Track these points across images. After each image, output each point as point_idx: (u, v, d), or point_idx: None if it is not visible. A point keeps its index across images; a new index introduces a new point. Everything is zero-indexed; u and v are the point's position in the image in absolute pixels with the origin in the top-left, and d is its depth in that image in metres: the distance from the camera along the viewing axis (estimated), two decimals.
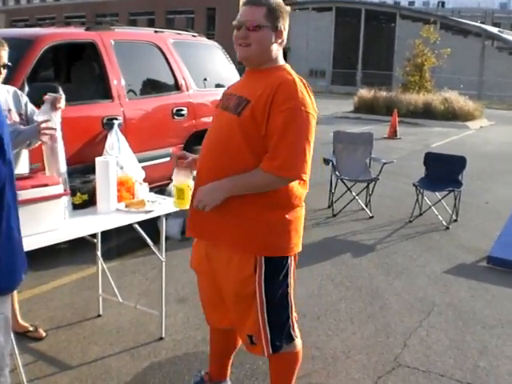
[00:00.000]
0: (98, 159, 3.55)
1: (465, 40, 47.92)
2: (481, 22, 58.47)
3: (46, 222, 3.06)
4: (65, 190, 3.21)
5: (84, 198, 3.56)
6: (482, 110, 23.52)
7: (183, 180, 3.02)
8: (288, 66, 2.72)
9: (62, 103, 3.40)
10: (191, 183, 2.95)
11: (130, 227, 3.70)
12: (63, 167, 3.39)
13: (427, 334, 4.29)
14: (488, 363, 3.91)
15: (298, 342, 2.91)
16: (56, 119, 3.32)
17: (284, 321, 2.83)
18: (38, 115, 3.35)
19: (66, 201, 3.25)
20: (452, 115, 21.84)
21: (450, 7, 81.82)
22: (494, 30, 53.16)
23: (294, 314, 2.89)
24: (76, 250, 4.95)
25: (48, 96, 3.36)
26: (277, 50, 2.66)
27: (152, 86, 6.45)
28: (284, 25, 2.65)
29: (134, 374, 3.59)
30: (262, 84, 2.57)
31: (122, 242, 5.48)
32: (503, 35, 50.57)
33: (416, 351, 4.02)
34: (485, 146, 15.60)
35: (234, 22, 2.62)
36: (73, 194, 3.48)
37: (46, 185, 3.07)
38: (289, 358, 2.92)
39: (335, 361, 3.84)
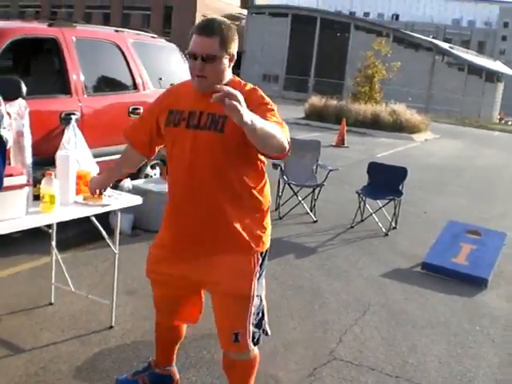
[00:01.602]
0: (59, 153, 3.74)
1: (416, 54, 49.12)
2: (433, 37, 60.00)
3: (9, 210, 3.23)
4: (28, 181, 3.38)
5: None
6: (427, 124, 24.30)
7: (51, 188, 3.41)
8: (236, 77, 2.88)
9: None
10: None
11: (83, 220, 3.89)
12: (28, 159, 3.56)
13: (361, 331, 4.60)
14: (416, 360, 4.24)
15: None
16: (25, 115, 3.49)
17: (262, 315, 3.07)
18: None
19: (28, 191, 3.42)
20: (399, 127, 22.53)
21: (404, 20, 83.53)
22: (445, 45, 54.61)
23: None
24: (30, 239, 5.09)
25: None
26: (229, 72, 2.79)
27: (110, 84, 6.61)
28: (235, 48, 2.74)
29: (84, 358, 3.77)
30: None
31: (75, 234, 5.63)
32: (453, 51, 51.99)
33: (350, 346, 4.32)
34: (428, 158, 16.20)
35: (188, 51, 2.68)
36: (34, 185, 3.65)
37: (11, 175, 3.24)
38: (254, 361, 3.11)
39: (275, 353, 4.10)
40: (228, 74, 2.78)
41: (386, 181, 7.79)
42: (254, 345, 3.04)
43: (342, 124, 17.15)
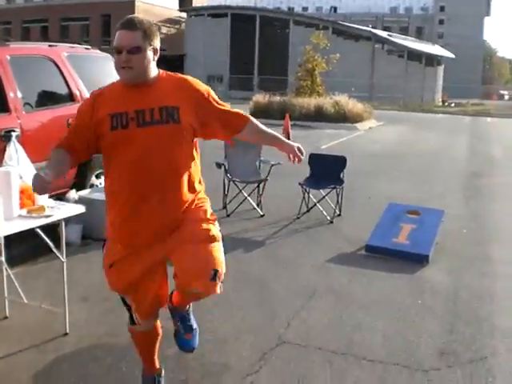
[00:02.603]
0: (0, 170, 3.85)
1: (356, 44, 49.91)
2: (372, 27, 60.87)
3: None
4: None
5: None
6: (370, 112, 24.82)
7: None
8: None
9: None
10: None
11: (31, 235, 4.01)
12: None
13: (308, 315, 4.84)
14: (361, 337, 4.48)
15: None
16: None
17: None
18: None
19: None
20: (342, 117, 22.97)
21: (342, 12, 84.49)
22: (384, 33, 55.52)
23: None
24: None
25: None
26: (155, 66, 2.98)
27: (48, 98, 6.72)
28: (158, 43, 2.97)
29: (42, 366, 3.90)
30: (164, 90, 2.94)
31: (25, 249, 5.70)
32: (392, 39, 52.92)
33: (298, 330, 4.54)
34: (372, 145, 16.63)
35: (114, 46, 2.87)
36: None
37: None
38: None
39: (226, 342, 4.30)
40: (154, 68, 2.97)
41: (327, 170, 8.06)
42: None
43: (285, 119, 17.40)
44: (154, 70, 2.97)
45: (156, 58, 2.98)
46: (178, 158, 2.95)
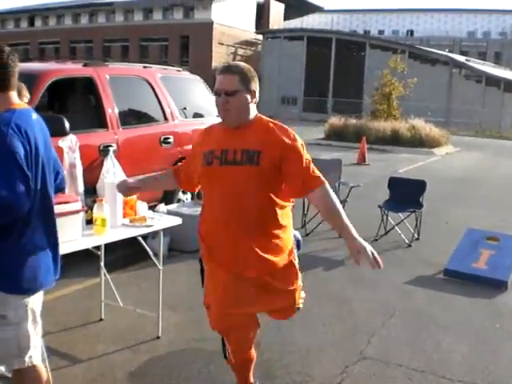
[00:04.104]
0: (106, 181, 4.18)
1: (432, 68, 49.32)
2: (449, 51, 60.02)
3: (67, 233, 3.66)
4: (82, 207, 3.82)
5: None
6: (447, 137, 24.52)
7: (102, 212, 3.87)
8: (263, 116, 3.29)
9: None
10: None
11: (121, 246, 4.29)
12: (81, 188, 4.01)
13: (388, 333, 4.96)
14: (440, 356, 4.58)
15: None
16: (76, 149, 3.95)
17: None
18: None
19: (82, 216, 3.85)
20: (419, 142, 22.79)
21: (418, 35, 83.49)
22: (462, 58, 54.63)
23: None
24: (76, 264, 5.51)
25: None
26: (253, 109, 3.20)
27: (142, 117, 7.13)
28: (256, 86, 3.18)
29: (136, 366, 4.18)
30: (254, 134, 3.12)
31: (115, 259, 6.05)
32: (470, 63, 52.02)
33: (378, 346, 4.67)
34: (448, 170, 16.48)
35: (214, 89, 3.14)
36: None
37: (68, 202, 3.68)
38: None
39: (309, 354, 4.48)
40: (252, 110, 3.18)
41: (406, 194, 8.15)
42: None
43: (361, 142, 17.51)
44: (251, 113, 3.18)
45: (254, 101, 3.19)
46: (253, 200, 3.10)
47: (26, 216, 2.66)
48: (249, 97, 3.14)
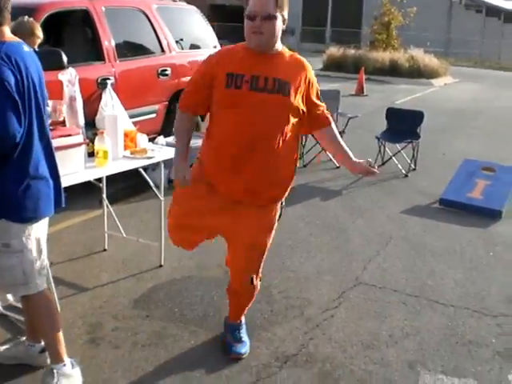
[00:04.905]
0: (107, 114, 4.22)
1: None
2: None
3: (70, 166, 3.74)
4: (84, 140, 3.88)
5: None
6: (446, 68, 24.24)
7: (104, 145, 3.93)
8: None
9: None
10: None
11: (121, 178, 4.34)
12: (81, 121, 4.06)
13: (384, 260, 5.11)
14: (434, 282, 4.74)
15: None
16: (76, 82, 3.97)
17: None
18: None
19: (84, 148, 3.92)
20: (417, 73, 22.54)
21: None
22: None
23: None
24: (78, 196, 5.61)
25: None
26: (279, 38, 3.14)
27: (139, 49, 7.09)
28: (287, 13, 3.08)
29: (140, 292, 4.33)
30: (283, 65, 3.10)
31: (116, 191, 6.15)
32: None
33: (374, 273, 4.83)
34: (447, 102, 16.41)
35: (247, 13, 2.98)
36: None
37: (70, 135, 3.74)
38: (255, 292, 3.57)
39: (307, 280, 4.64)
40: (279, 39, 3.12)
41: (404, 125, 8.19)
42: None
43: (360, 73, 17.36)
44: (279, 42, 3.13)
45: (283, 29, 3.13)
46: (280, 129, 3.09)
47: (26, 144, 2.70)
48: (280, 24, 3.08)
